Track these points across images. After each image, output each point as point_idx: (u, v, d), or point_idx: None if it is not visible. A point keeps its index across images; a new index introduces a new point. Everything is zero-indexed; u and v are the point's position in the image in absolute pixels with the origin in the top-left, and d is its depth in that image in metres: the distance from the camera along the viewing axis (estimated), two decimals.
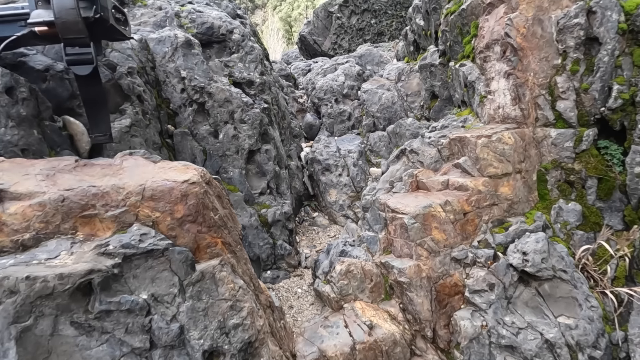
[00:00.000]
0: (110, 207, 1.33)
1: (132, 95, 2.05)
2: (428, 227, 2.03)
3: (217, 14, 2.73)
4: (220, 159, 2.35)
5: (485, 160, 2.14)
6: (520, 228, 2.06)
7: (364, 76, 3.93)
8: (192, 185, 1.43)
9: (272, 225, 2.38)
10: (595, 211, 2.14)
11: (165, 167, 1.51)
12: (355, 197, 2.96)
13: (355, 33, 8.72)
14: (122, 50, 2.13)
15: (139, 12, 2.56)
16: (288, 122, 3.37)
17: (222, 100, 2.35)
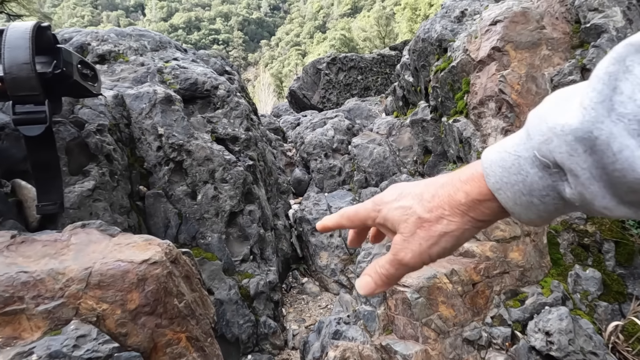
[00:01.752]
0: (44, 299, 1.06)
1: (100, 154, 1.85)
2: (434, 302, 1.76)
3: (202, 70, 2.65)
4: (197, 222, 2.10)
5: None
6: (538, 301, 1.81)
7: (353, 130, 3.86)
8: (152, 266, 1.18)
9: (255, 299, 2.08)
10: (616, 279, 1.92)
11: (123, 242, 1.26)
12: (349, 260, 2.69)
13: (342, 88, 9.01)
14: (94, 106, 1.97)
15: (119, 67, 2.46)
16: (275, 178, 3.19)
17: (202, 159, 2.17)
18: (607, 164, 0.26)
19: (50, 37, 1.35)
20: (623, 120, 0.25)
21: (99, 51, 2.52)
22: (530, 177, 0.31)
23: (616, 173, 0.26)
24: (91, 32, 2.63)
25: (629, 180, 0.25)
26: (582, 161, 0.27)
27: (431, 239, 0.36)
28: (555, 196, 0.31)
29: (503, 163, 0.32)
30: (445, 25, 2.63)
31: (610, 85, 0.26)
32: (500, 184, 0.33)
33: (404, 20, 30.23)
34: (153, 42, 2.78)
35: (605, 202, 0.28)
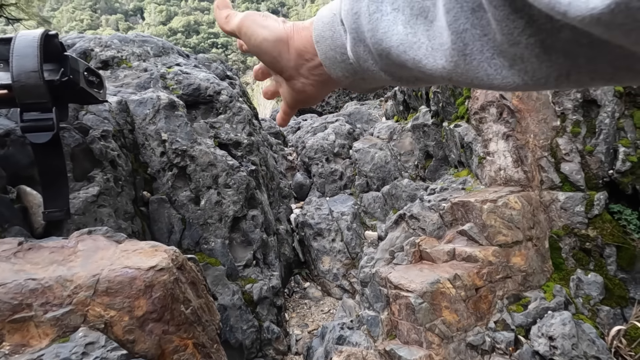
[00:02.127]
0: (52, 306, 1.06)
1: (104, 160, 1.85)
2: (437, 307, 1.77)
3: (205, 76, 2.66)
4: (201, 228, 2.11)
5: (493, 227, 1.96)
6: (540, 306, 1.82)
7: (354, 134, 3.87)
8: (159, 272, 1.18)
9: (258, 304, 2.08)
10: (618, 283, 1.93)
11: (130, 249, 1.26)
12: (351, 265, 2.70)
13: (341, 92, 9.03)
14: (98, 112, 1.98)
15: (122, 73, 2.47)
16: (277, 182, 3.19)
17: (206, 164, 2.17)
18: (363, 24, 0.31)
19: (57, 45, 1.36)
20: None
21: (102, 57, 2.54)
22: (337, 34, 0.35)
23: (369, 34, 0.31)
24: (94, 38, 2.65)
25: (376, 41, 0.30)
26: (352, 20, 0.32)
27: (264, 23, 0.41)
28: (347, 57, 0.35)
29: (324, 19, 0.36)
30: None
31: None
32: (319, 37, 0.37)
33: None
34: (156, 47, 2.80)
35: (368, 64, 0.33)
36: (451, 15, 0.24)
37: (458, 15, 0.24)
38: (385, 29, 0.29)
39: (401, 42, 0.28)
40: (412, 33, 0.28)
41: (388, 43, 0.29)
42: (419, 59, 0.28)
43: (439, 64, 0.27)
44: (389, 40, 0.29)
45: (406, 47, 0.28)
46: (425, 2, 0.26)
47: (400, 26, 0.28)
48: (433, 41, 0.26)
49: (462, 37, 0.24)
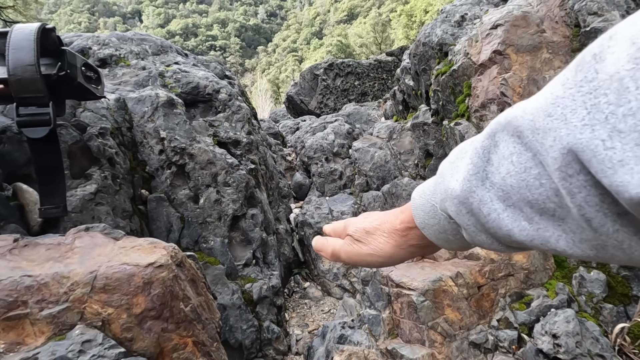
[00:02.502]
0: (48, 303, 1.04)
1: (102, 158, 1.83)
2: (440, 305, 1.75)
3: (204, 74, 2.64)
4: (200, 226, 2.08)
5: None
6: (543, 304, 1.80)
7: (353, 134, 3.86)
8: (158, 269, 1.16)
9: (258, 303, 2.06)
10: (621, 281, 1.92)
11: (128, 246, 1.24)
12: (351, 265, 2.68)
13: (340, 93, 9.05)
14: (96, 109, 1.96)
15: (120, 71, 2.45)
16: (276, 182, 3.18)
17: (205, 162, 2.15)
18: (483, 223, 0.32)
19: (55, 39, 1.34)
20: (493, 187, 0.31)
21: (100, 55, 2.52)
22: (442, 222, 0.38)
23: (491, 230, 0.32)
24: (92, 37, 2.63)
25: (502, 235, 0.31)
26: (466, 219, 0.34)
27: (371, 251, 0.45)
28: (462, 236, 0.37)
29: (424, 208, 0.40)
30: (446, 30, 2.65)
31: (484, 158, 0.31)
32: (424, 224, 0.40)
33: (399, 27, 30.52)
34: (154, 46, 2.78)
35: (494, 246, 0.34)
36: (595, 222, 0.24)
37: (603, 221, 0.24)
38: (508, 226, 0.30)
39: (534, 237, 0.29)
40: (543, 228, 0.28)
41: (519, 238, 0.30)
42: (562, 249, 0.28)
43: (590, 254, 0.27)
44: (518, 236, 0.30)
45: (542, 240, 0.29)
46: (548, 204, 0.27)
47: (525, 222, 0.29)
48: (574, 236, 0.27)
49: (614, 236, 0.24)
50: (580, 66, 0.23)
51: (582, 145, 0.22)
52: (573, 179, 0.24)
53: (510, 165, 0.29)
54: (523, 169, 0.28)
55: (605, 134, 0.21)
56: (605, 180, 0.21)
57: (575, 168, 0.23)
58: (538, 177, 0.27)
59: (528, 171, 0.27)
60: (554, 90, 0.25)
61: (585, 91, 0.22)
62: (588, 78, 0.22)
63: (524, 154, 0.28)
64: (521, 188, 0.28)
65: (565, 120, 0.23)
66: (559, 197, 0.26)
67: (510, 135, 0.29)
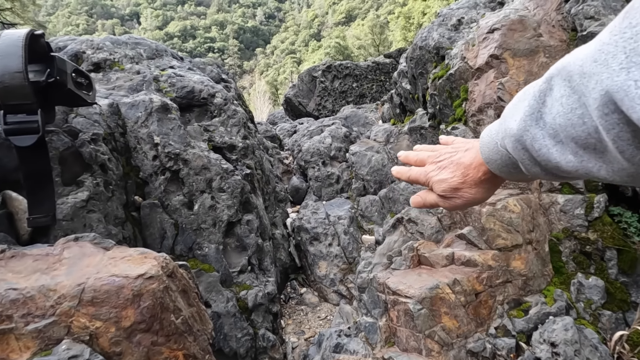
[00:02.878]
0: (34, 317, 1.01)
1: (94, 164, 1.81)
2: (437, 313, 1.73)
3: (199, 78, 2.62)
4: (194, 233, 2.06)
5: (492, 230, 1.93)
6: (541, 311, 1.78)
7: (351, 138, 3.84)
8: (148, 280, 1.13)
9: (253, 311, 2.03)
10: (620, 287, 1.90)
11: (118, 256, 1.22)
12: (348, 270, 2.65)
13: (338, 95, 9.04)
14: (89, 115, 1.93)
15: (114, 76, 2.43)
16: (273, 186, 3.15)
17: (199, 168, 2.13)
18: (535, 157, 0.38)
19: (44, 45, 1.32)
20: (545, 126, 0.35)
21: (94, 59, 2.49)
22: (504, 156, 0.44)
23: (542, 163, 0.37)
24: (86, 40, 2.61)
25: (551, 167, 0.37)
26: (522, 154, 0.40)
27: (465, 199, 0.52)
28: (521, 169, 0.42)
29: (489, 146, 0.46)
30: (443, 33, 2.63)
31: (540, 100, 0.36)
32: (488, 159, 0.47)
33: (397, 29, 30.59)
34: (149, 50, 2.76)
35: (548, 176, 0.40)
36: (627, 154, 0.28)
37: (634, 153, 0.27)
38: (556, 159, 0.35)
39: (578, 167, 0.33)
40: (586, 160, 0.32)
41: (566, 168, 0.35)
42: (603, 176, 0.32)
43: (627, 180, 0.31)
44: (566, 166, 0.34)
45: (586, 170, 0.33)
46: (589, 140, 0.31)
47: (570, 156, 0.33)
48: (612, 165, 0.31)
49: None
50: (628, 13, 0.25)
51: (616, 87, 0.25)
52: (609, 117, 0.27)
53: (560, 107, 0.33)
54: (570, 109, 0.31)
55: (639, 74, 0.23)
56: (634, 116, 0.24)
57: (610, 108, 0.27)
58: (582, 116, 0.30)
59: (574, 111, 0.31)
60: (602, 37, 0.27)
61: (628, 37, 0.24)
62: (632, 24, 0.24)
63: (572, 96, 0.31)
64: (567, 126, 0.32)
65: (607, 64, 0.26)
66: (598, 134, 0.29)
67: (562, 79, 0.32)
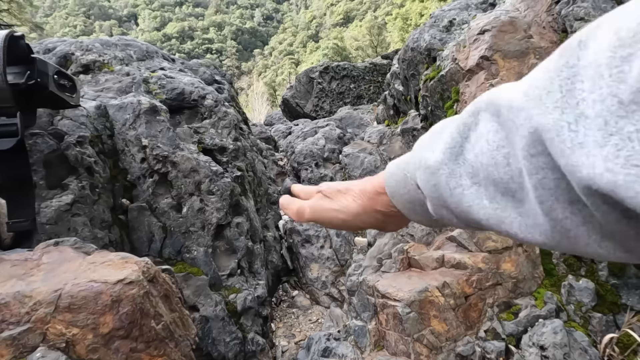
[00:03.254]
0: (8, 324, 0.99)
1: (80, 167, 1.79)
2: (426, 316, 1.71)
3: (190, 80, 2.61)
4: (182, 236, 2.04)
5: (482, 233, 1.92)
6: (531, 314, 1.77)
7: (344, 139, 3.84)
8: (128, 286, 1.12)
9: (243, 315, 2.01)
10: (610, 289, 1.89)
11: (98, 261, 1.20)
12: (340, 272, 2.64)
13: (335, 96, 9.04)
14: (75, 117, 1.91)
15: (103, 78, 2.41)
16: (265, 188, 3.14)
17: (188, 170, 2.11)
18: (446, 197, 0.33)
19: (24, 47, 1.30)
20: (465, 163, 0.31)
21: (83, 61, 2.48)
22: (411, 192, 0.39)
23: (452, 205, 0.33)
24: (75, 42, 2.59)
25: (461, 211, 0.32)
26: (432, 191, 0.34)
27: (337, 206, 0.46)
28: (427, 209, 0.38)
29: (396, 177, 0.40)
30: (434, 35, 2.63)
31: (463, 134, 0.32)
32: (394, 193, 0.41)
33: (395, 30, 30.65)
34: (139, 51, 2.74)
35: (454, 222, 0.35)
36: (546, 205, 0.25)
37: (554, 206, 0.24)
38: (469, 202, 0.31)
39: (490, 216, 0.30)
40: (501, 208, 0.29)
41: (475, 216, 0.31)
42: (514, 232, 0.29)
43: (538, 240, 0.27)
44: (476, 214, 0.31)
45: (498, 221, 0.29)
46: (511, 185, 0.27)
47: (486, 201, 0.30)
48: (527, 219, 0.27)
49: (562, 223, 0.25)
50: (565, 51, 0.24)
51: (548, 125, 0.23)
52: (534, 159, 0.24)
53: (485, 144, 0.29)
54: (495, 146, 0.28)
55: (573, 117, 0.21)
56: (562, 161, 0.22)
57: (538, 149, 0.24)
58: (507, 156, 0.27)
59: (499, 149, 0.28)
60: (537, 74, 0.25)
61: (565, 76, 0.23)
62: (569, 64, 0.23)
63: (499, 133, 0.28)
64: (489, 166, 0.29)
65: (540, 100, 0.24)
66: (522, 178, 0.26)
67: (491, 114, 0.29)
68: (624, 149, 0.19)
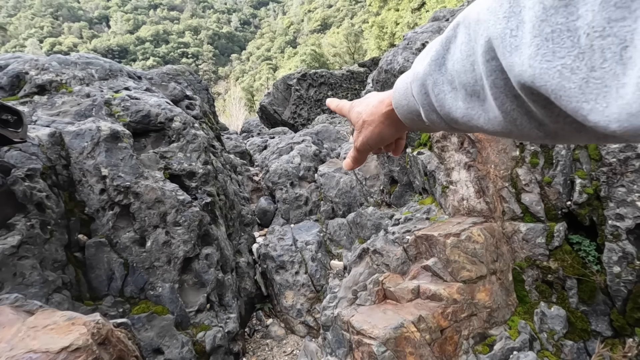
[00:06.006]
0: None
1: (29, 203, 1.64)
2: (401, 353, 1.67)
3: (156, 101, 2.48)
4: (146, 272, 1.91)
5: (457, 262, 1.90)
6: (506, 346, 1.76)
7: (320, 156, 3.79)
8: (73, 354, 1.00)
9: (212, 354, 1.90)
10: (580, 316, 1.92)
11: (40, 325, 1.08)
12: (315, 299, 2.57)
13: (313, 104, 9.02)
14: (25, 148, 1.76)
15: (60, 100, 2.25)
16: (238, 210, 3.03)
17: (152, 201, 1.99)
18: (433, 102, 0.39)
19: None
20: (446, 72, 0.36)
21: (38, 81, 2.31)
22: (410, 102, 0.44)
23: (438, 109, 0.38)
24: (30, 60, 2.41)
25: (444, 113, 0.38)
26: (423, 98, 0.40)
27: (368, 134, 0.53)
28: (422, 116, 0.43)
29: (399, 91, 0.46)
30: (407, 57, 2.63)
31: (445, 46, 0.36)
32: (397, 104, 0.47)
33: (372, 37, 31.10)
34: (102, 70, 2.59)
35: (442, 125, 0.41)
36: (498, 101, 0.30)
37: (504, 101, 0.29)
38: (449, 105, 0.36)
39: (464, 114, 0.35)
40: (471, 107, 0.34)
41: (454, 115, 0.36)
42: (481, 125, 0.34)
43: (497, 129, 0.33)
44: (455, 113, 0.36)
45: (469, 118, 0.35)
46: (475, 87, 0.32)
47: (461, 102, 0.35)
48: (488, 114, 0.32)
49: (511, 114, 0.30)
50: None
51: (496, 33, 0.27)
52: (489, 64, 0.29)
53: (459, 54, 0.33)
54: (465, 55, 0.32)
55: (515, 24, 0.25)
56: (503, 62, 0.26)
57: (491, 54, 0.28)
58: (473, 63, 0.32)
59: (468, 58, 0.32)
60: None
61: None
62: None
63: (469, 44, 0.32)
64: (461, 72, 0.33)
65: (494, 12, 0.27)
66: (482, 80, 0.31)
67: (465, 26, 0.33)
68: (541, 48, 0.23)
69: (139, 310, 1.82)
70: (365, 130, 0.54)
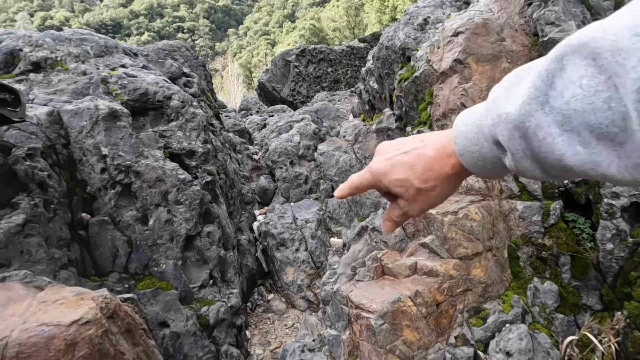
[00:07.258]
0: None
1: (31, 183, 1.66)
2: (398, 326, 1.73)
3: (153, 79, 2.45)
4: (149, 249, 1.96)
5: (454, 240, 1.94)
6: (499, 319, 1.83)
7: (320, 134, 3.77)
8: (84, 327, 1.05)
9: (215, 327, 1.97)
10: (572, 291, 1.98)
11: (50, 299, 1.11)
12: (315, 275, 2.63)
13: (312, 81, 8.86)
14: (24, 127, 1.76)
15: (56, 78, 2.22)
16: (238, 189, 3.05)
17: (153, 180, 2.01)
18: (534, 148, 0.33)
19: None
20: (553, 112, 0.31)
21: (33, 58, 2.27)
22: (484, 149, 0.39)
23: (542, 155, 0.33)
24: (23, 36, 2.36)
25: (551, 160, 0.33)
26: (517, 144, 0.35)
27: (429, 201, 0.47)
28: (501, 164, 0.40)
29: (467, 135, 0.41)
30: (409, 33, 2.57)
31: (547, 82, 0.31)
32: (463, 151, 0.41)
33: (372, 11, 30.19)
34: (97, 47, 2.54)
35: (536, 173, 0.36)
36: None
37: None
38: (561, 151, 0.31)
39: (586, 161, 0.30)
40: (598, 152, 0.29)
41: (569, 162, 0.31)
42: (611, 174, 0.29)
43: (638, 179, 0.28)
44: (570, 160, 0.31)
45: (593, 165, 0.30)
46: (611, 129, 0.28)
47: (580, 146, 0.30)
48: (627, 161, 0.28)
49: None
50: None
51: None
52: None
53: (578, 89, 0.29)
54: (593, 92, 0.28)
55: None
56: None
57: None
58: (608, 100, 0.27)
59: (598, 94, 0.28)
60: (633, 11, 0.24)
61: None
62: None
63: (597, 77, 0.28)
64: (585, 112, 0.29)
65: None
66: (626, 121, 0.26)
67: (583, 57, 0.28)
68: None
69: (144, 286, 1.88)
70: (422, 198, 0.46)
